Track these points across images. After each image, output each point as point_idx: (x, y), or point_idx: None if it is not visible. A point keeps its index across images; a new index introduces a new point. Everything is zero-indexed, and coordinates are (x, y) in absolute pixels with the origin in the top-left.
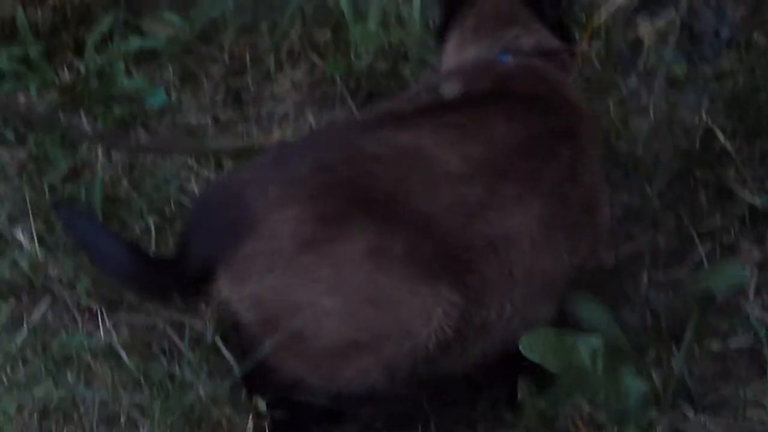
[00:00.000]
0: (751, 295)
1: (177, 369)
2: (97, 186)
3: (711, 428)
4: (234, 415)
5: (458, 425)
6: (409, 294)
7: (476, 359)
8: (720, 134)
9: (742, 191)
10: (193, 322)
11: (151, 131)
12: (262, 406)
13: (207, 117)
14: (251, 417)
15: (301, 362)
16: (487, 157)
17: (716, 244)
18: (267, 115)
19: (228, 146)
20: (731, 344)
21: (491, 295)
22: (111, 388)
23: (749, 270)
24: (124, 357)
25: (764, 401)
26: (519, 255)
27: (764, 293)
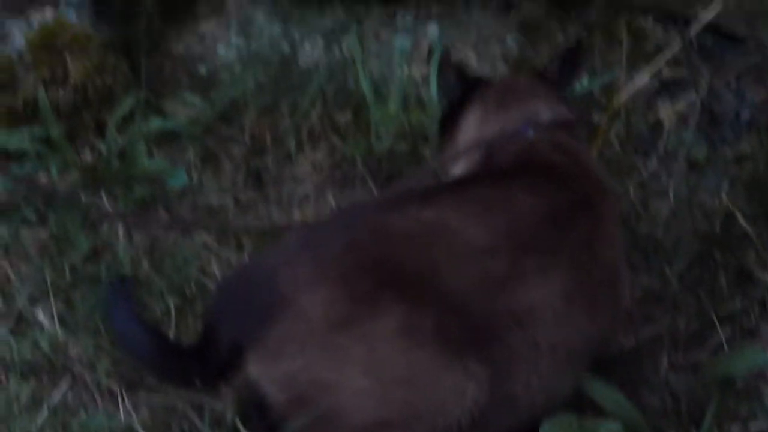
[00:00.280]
0: None
1: None
2: (119, 266)
3: None
4: None
5: None
6: (442, 371)
7: None
8: (740, 217)
9: (763, 274)
10: (213, 404)
11: (172, 212)
12: None
13: (228, 198)
14: None
15: None
16: (510, 230)
17: (736, 328)
18: (288, 196)
19: (248, 225)
20: (751, 428)
21: (518, 368)
22: None
23: None
24: None
25: None
26: (543, 327)
27: None
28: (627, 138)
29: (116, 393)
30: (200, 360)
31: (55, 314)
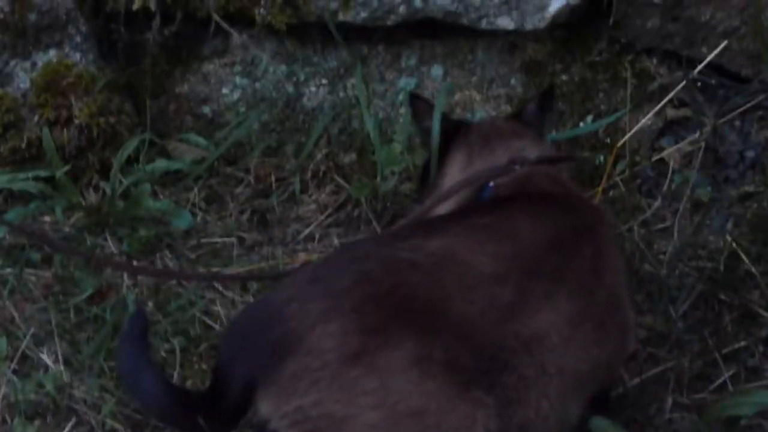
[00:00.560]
0: None
1: None
2: (126, 308)
3: None
4: None
5: None
6: (453, 401)
7: None
8: (744, 257)
9: (767, 314)
10: None
11: (177, 253)
12: None
13: (232, 238)
14: None
15: None
16: (515, 256)
17: (741, 367)
18: (292, 237)
19: (246, 270)
20: None
21: (527, 394)
22: None
23: None
24: None
25: None
26: (551, 352)
27: None
28: (631, 178)
29: None
30: (212, 405)
31: (60, 355)
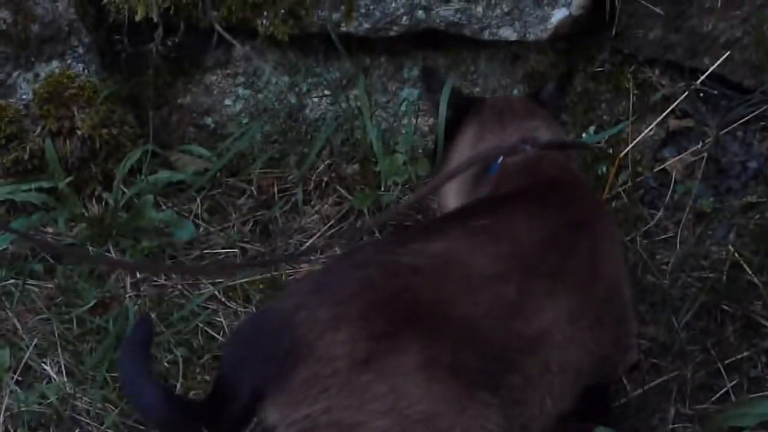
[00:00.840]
0: None
1: None
2: (128, 319)
3: None
4: None
5: None
6: (462, 403)
7: None
8: (747, 267)
9: None
10: None
11: (179, 263)
12: None
13: (235, 249)
14: None
15: None
16: (516, 256)
17: (743, 378)
18: (295, 248)
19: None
20: None
21: (533, 393)
22: None
23: None
24: None
25: None
26: (554, 350)
27: None
28: (634, 188)
29: None
30: (214, 414)
31: (63, 366)
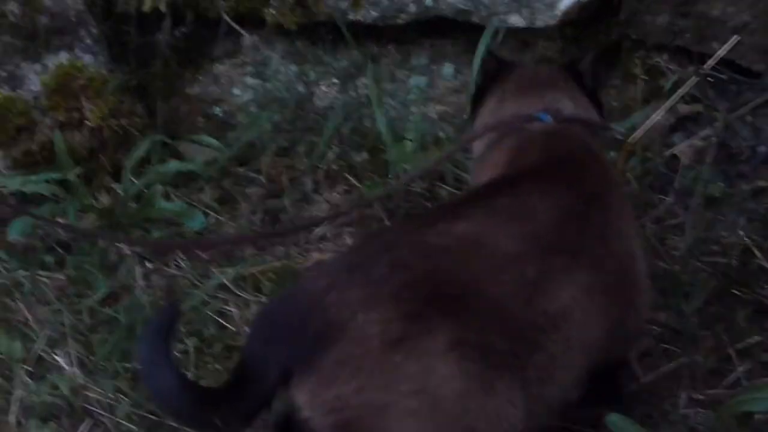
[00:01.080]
0: None
1: None
2: (140, 309)
3: None
4: None
5: None
6: (494, 383)
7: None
8: (757, 252)
9: None
10: None
11: (190, 254)
12: None
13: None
14: None
15: None
16: (534, 234)
17: (755, 363)
18: (305, 237)
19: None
20: None
21: (555, 372)
22: None
23: None
24: None
25: None
26: (573, 326)
27: None
28: (643, 174)
29: None
30: (232, 398)
31: (74, 357)
